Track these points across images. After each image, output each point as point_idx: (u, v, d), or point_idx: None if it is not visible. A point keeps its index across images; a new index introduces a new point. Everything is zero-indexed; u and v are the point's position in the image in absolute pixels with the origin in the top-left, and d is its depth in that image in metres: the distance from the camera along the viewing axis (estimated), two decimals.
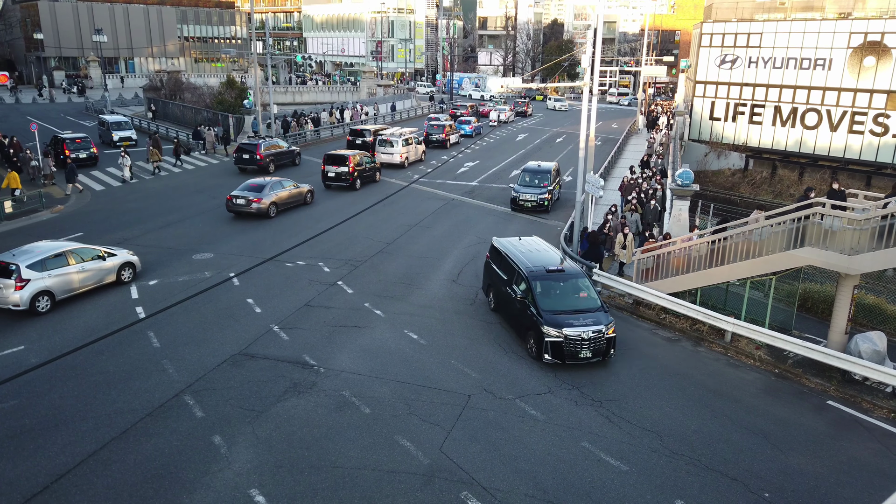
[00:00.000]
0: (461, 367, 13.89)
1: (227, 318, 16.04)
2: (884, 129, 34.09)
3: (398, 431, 11.34)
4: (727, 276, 16.32)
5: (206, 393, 12.46)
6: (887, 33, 33.13)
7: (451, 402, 12.43)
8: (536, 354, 14.29)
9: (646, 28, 63.78)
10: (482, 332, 15.80)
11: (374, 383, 13.06)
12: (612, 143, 46.18)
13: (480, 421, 11.80)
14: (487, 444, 11.07)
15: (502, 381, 13.39)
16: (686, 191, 20.59)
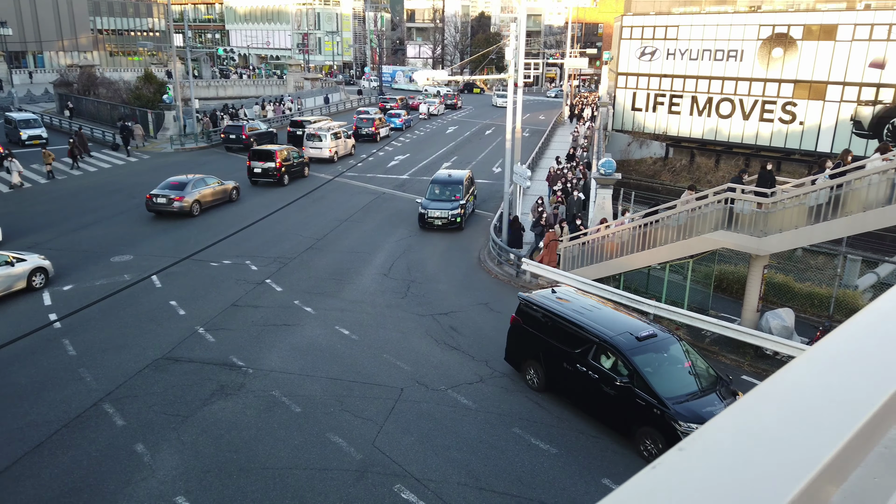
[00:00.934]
0: (393, 360, 13.88)
1: (149, 321, 15.47)
2: (791, 117, 36.03)
3: (330, 428, 11.25)
4: (648, 261, 16.91)
5: (127, 400, 11.99)
6: (793, 25, 34.98)
7: (384, 395, 12.42)
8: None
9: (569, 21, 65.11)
10: (414, 325, 15.83)
11: (304, 381, 12.89)
12: (539, 134, 46.99)
13: (413, 413, 11.84)
14: (420, 435, 11.13)
15: (434, 372, 13.46)
16: (609, 179, 21.18)
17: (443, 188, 24.80)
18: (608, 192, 21.92)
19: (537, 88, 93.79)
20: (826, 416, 0.72)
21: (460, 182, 25.06)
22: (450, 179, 25.18)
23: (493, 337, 15.37)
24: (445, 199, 24.33)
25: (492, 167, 36.46)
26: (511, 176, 22.87)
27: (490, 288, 19.05)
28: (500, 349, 14.66)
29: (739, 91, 37.84)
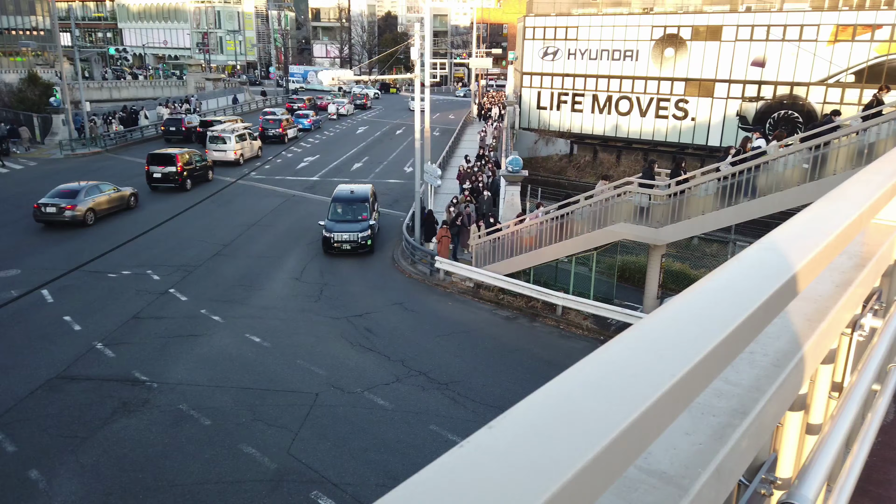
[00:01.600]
0: (308, 365, 13.65)
1: (40, 339, 14.48)
2: (684, 114, 38.10)
3: (242, 439, 10.93)
4: (556, 254, 17.46)
5: (18, 424, 11.18)
6: (682, 27, 36.99)
7: (299, 402, 12.19)
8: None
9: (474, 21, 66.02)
10: (328, 329, 15.62)
11: (214, 393, 12.45)
12: (449, 133, 47.42)
13: (329, 418, 11.70)
14: (337, 440, 11.01)
15: (350, 375, 13.35)
16: (517, 176, 21.69)
17: (346, 207, 22.07)
18: (516, 188, 22.44)
19: (446, 88, 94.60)
20: (631, 387, 0.79)
21: (365, 199, 22.53)
22: (353, 196, 22.53)
23: (408, 336, 15.42)
24: (351, 220, 21.59)
25: (403, 167, 36.48)
26: (422, 175, 22.99)
27: (404, 288, 19.08)
28: (416, 348, 14.72)
29: (636, 89, 39.60)
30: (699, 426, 1.12)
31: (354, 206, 22.11)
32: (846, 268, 1.93)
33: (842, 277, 1.86)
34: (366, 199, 22.54)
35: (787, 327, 1.51)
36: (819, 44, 32.00)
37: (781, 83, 33.62)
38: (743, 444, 1.15)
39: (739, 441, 1.11)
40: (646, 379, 0.79)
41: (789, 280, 1.19)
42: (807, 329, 1.51)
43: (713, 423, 1.13)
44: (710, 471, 1.00)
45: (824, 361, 1.85)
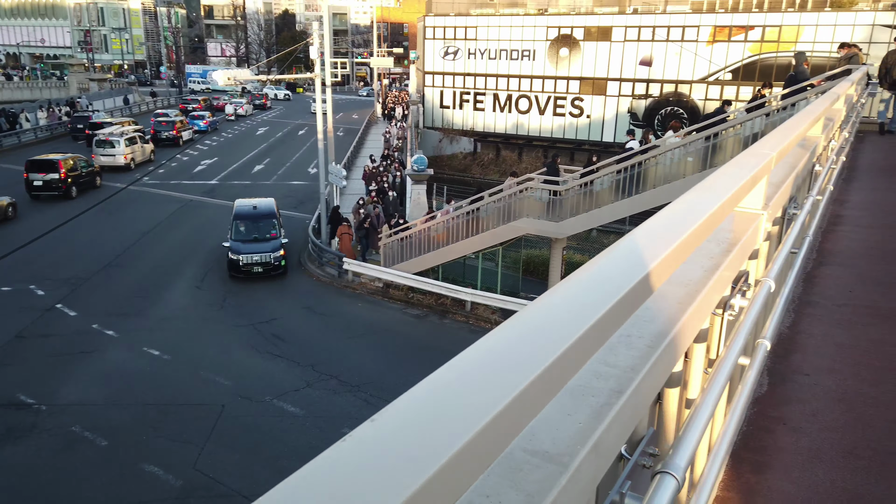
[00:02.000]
0: (212, 376, 13.16)
1: None
2: (580, 111, 39.63)
3: (144, 458, 10.41)
4: (464, 251, 17.72)
5: None
6: (575, 27, 38.44)
7: (204, 415, 11.74)
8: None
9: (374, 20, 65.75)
10: (233, 337, 15.13)
11: (111, 412, 11.78)
12: (353, 133, 47.00)
13: (237, 429, 11.34)
14: (246, 451, 10.70)
15: (258, 383, 12.99)
16: (422, 175, 21.81)
17: (251, 224, 19.77)
18: (422, 187, 22.57)
19: (349, 87, 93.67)
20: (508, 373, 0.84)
21: (272, 214, 20.42)
22: (258, 212, 20.26)
23: (318, 340, 15.19)
24: (259, 239, 19.37)
25: (307, 168, 35.81)
26: (326, 176, 22.67)
27: (312, 291, 18.76)
28: (326, 352, 14.53)
29: (535, 88, 40.78)
30: (580, 407, 1.19)
31: (261, 223, 19.85)
32: (715, 253, 2.10)
33: (711, 262, 2.02)
34: (272, 214, 20.42)
35: (661, 310, 1.63)
36: (699, 44, 34.16)
37: (667, 81, 35.62)
38: (620, 421, 1.24)
39: (616, 418, 1.20)
40: (522, 364, 0.85)
41: (657, 266, 1.29)
42: (679, 311, 1.63)
43: (593, 403, 1.21)
44: (589, 447, 1.08)
45: (698, 340, 2.01)
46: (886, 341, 4.10)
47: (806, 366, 3.79)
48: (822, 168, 4.60)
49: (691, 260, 2.01)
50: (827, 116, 4.85)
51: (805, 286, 4.98)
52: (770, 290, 2.37)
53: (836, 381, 3.62)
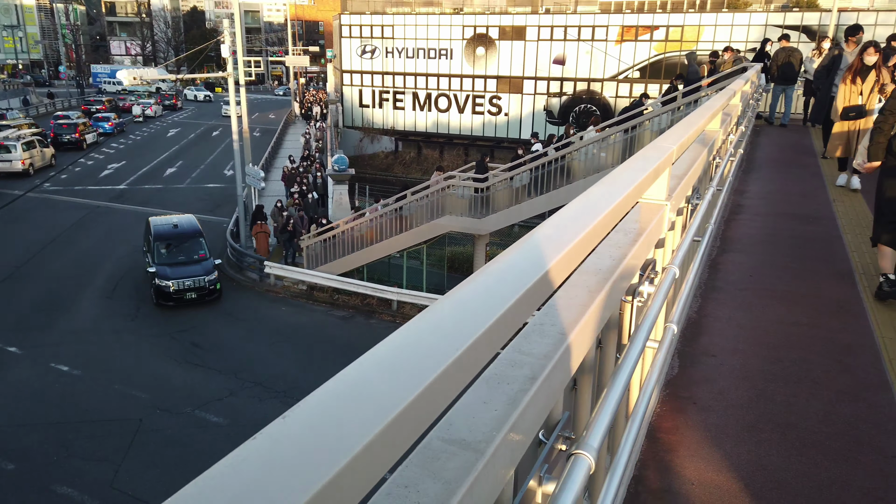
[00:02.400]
0: (127, 390, 12.58)
1: None
2: (498, 110, 40.25)
3: (56, 480, 9.83)
4: (388, 250, 17.68)
5: None
6: (490, 27, 39.00)
7: (120, 431, 11.21)
8: None
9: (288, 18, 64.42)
10: (149, 348, 14.50)
11: (17, 433, 11.05)
12: (271, 133, 45.89)
13: (157, 442, 10.89)
14: (167, 465, 10.29)
15: (178, 394, 12.51)
16: (343, 175, 21.61)
17: (176, 246, 17.73)
18: (344, 187, 22.35)
19: (265, 87, 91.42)
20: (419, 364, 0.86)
21: (197, 231, 18.37)
22: (181, 231, 18.09)
23: (240, 347, 14.78)
24: (190, 262, 17.29)
25: (223, 170, 34.72)
26: (243, 178, 22.07)
27: (233, 296, 18.21)
28: (249, 358, 14.17)
29: (453, 87, 41.10)
30: (495, 395, 1.23)
31: (186, 244, 17.83)
32: (623, 243, 2.20)
33: (619, 252, 2.11)
34: (198, 232, 18.34)
35: (573, 299, 1.70)
36: (609, 43, 35.40)
37: (580, 79, 36.72)
38: (535, 407, 1.28)
39: (531, 404, 1.24)
40: (431, 356, 0.87)
41: (563, 257, 1.35)
42: (589, 300, 1.70)
43: (508, 391, 1.25)
44: (504, 433, 1.11)
45: (610, 327, 2.10)
46: (783, 321, 4.41)
47: (713, 347, 4.03)
48: (722, 161, 4.88)
49: (600, 250, 2.10)
50: (724, 112, 5.15)
51: (710, 272, 5.27)
52: (675, 277, 2.51)
53: (740, 361, 3.87)
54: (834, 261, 5.57)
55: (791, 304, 4.66)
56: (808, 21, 31.53)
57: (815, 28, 30.36)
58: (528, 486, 1.38)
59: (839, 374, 3.63)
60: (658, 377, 3.44)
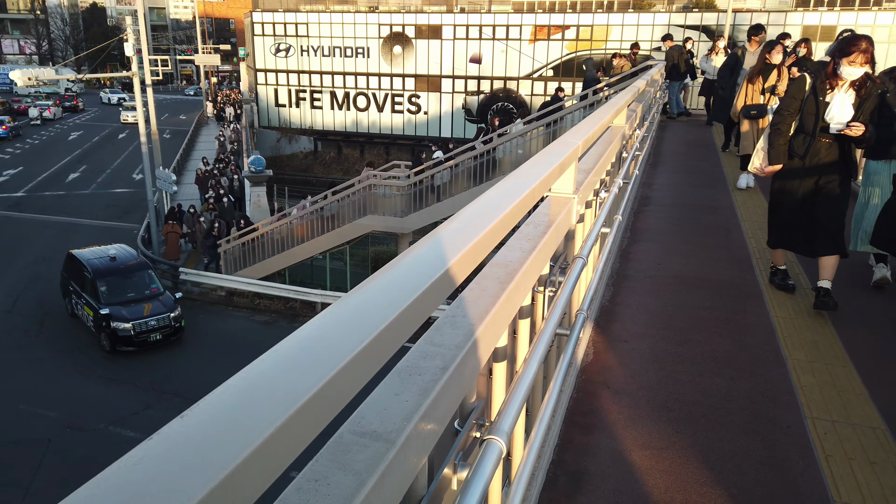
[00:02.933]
0: (34, 409, 11.82)
1: None
2: (417, 108, 40.31)
3: None
4: (310, 252, 17.40)
5: None
6: (406, 25, 38.98)
7: (27, 453, 10.53)
8: None
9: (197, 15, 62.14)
10: (57, 363, 13.68)
11: None
12: (182, 134, 44.15)
13: (69, 463, 10.31)
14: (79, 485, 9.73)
15: (91, 411, 11.87)
16: (261, 177, 21.10)
17: (120, 281, 15.10)
18: (262, 189, 21.83)
19: (174, 87, 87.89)
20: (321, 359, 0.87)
21: (142, 263, 16.01)
22: (122, 264, 15.46)
23: (156, 358, 14.18)
24: (143, 298, 14.86)
25: (131, 174, 33.15)
26: (154, 182, 21.16)
27: None
28: (167, 369, 13.63)
29: (371, 86, 40.87)
30: (407, 386, 1.26)
31: (133, 278, 15.32)
32: (533, 235, 2.27)
33: (530, 244, 2.18)
34: (145, 264, 16.01)
35: (485, 290, 1.75)
36: (523, 42, 36.15)
37: (496, 78, 37.32)
38: (447, 397, 1.32)
39: (442, 394, 1.28)
40: (335, 350, 0.89)
41: (469, 250, 1.38)
42: (500, 291, 1.75)
43: (420, 382, 1.28)
44: (414, 423, 1.14)
45: (522, 316, 2.17)
46: (688, 305, 4.66)
47: (624, 333, 4.21)
48: (629, 154, 5.10)
49: (511, 243, 2.17)
50: (630, 108, 5.38)
51: (622, 262, 5.50)
52: (583, 267, 2.61)
53: (650, 345, 4.06)
54: (733, 247, 5.93)
55: (695, 289, 4.94)
56: (707, 21, 33.28)
57: (713, 28, 32.08)
58: (443, 474, 1.41)
59: (739, 353, 3.88)
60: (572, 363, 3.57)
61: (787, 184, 4.69)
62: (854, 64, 4.20)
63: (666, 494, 2.66)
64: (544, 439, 2.77)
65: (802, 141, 4.53)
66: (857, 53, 4.17)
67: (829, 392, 3.47)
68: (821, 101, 4.39)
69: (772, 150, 4.70)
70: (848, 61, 4.21)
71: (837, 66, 4.30)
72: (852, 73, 4.25)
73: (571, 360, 3.44)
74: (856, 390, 3.49)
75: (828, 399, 3.40)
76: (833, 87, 4.38)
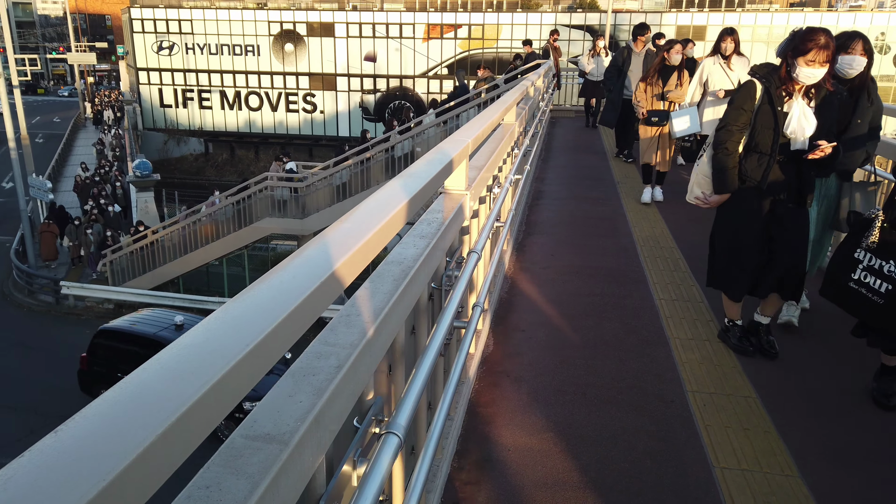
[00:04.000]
0: None
1: None
2: (313, 107, 39.57)
3: None
4: (205, 258, 16.72)
5: None
6: (297, 22, 38.15)
7: None
8: None
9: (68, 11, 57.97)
10: None
11: None
12: (57, 139, 41.05)
13: None
14: None
15: None
16: (147, 181, 20.04)
17: None
18: (149, 195, 20.73)
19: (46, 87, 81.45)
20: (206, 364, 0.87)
21: None
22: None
23: (38, 378, 13.19)
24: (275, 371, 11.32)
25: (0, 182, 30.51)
26: (27, 190, 19.59)
27: (24, 323, 16.18)
28: (50, 391, 12.69)
29: (264, 84, 39.73)
30: (301, 387, 1.26)
31: None
32: (427, 232, 2.32)
33: (424, 241, 2.22)
34: None
35: (379, 288, 1.77)
36: (416, 41, 36.34)
37: (392, 76, 37.32)
38: (342, 395, 1.33)
39: (337, 393, 1.29)
40: (219, 355, 0.89)
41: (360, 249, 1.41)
42: (395, 288, 1.78)
43: (314, 382, 1.28)
44: (308, 423, 1.14)
45: (420, 312, 2.21)
46: (580, 293, 4.88)
47: (522, 323, 4.36)
48: (520, 150, 5.27)
49: (406, 240, 2.20)
50: (519, 106, 5.56)
51: (518, 254, 5.68)
52: (478, 261, 2.69)
53: (546, 333, 4.23)
54: (619, 236, 6.27)
55: (587, 277, 5.18)
56: (590, 21, 34.82)
57: (596, 27, 33.60)
58: (343, 471, 1.43)
59: (627, 335, 4.11)
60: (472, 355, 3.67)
61: (746, 214, 3.77)
62: (813, 64, 3.41)
63: (565, 473, 2.80)
64: (447, 431, 2.83)
65: (758, 162, 3.66)
66: (817, 51, 3.38)
67: (707, 366, 3.76)
68: (779, 111, 3.58)
69: (720, 174, 3.75)
70: (806, 61, 3.42)
71: (792, 69, 3.49)
72: (812, 74, 3.45)
73: (471, 352, 3.53)
74: (730, 363, 3.80)
75: (706, 373, 3.68)
76: (790, 93, 3.57)
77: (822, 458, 2.97)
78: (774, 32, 32.15)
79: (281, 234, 17.20)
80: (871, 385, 3.54)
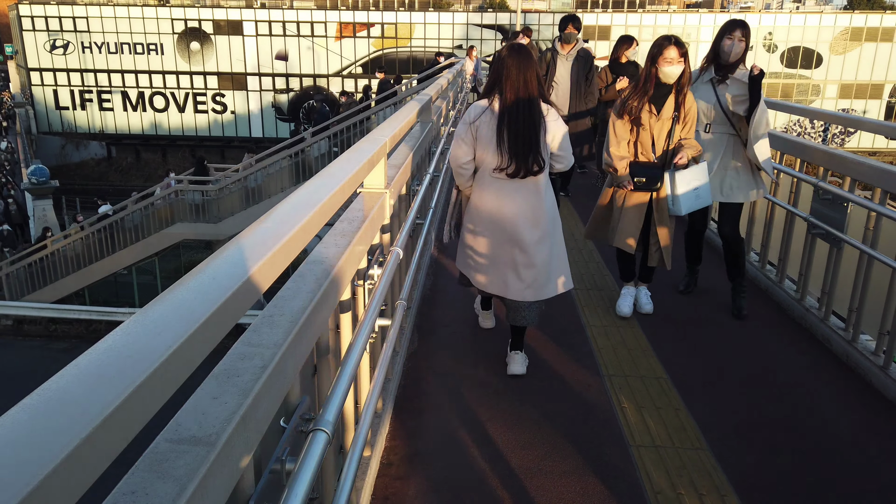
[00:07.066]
0: None
1: None
2: (223, 108, 38.29)
3: None
4: (111, 268, 15.91)
5: None
6: (203, 20, 36.80)
7: None
8: None
9: None
10: None
11: None
12: None
13: None
14: None
15: None
16: (45, 189, 18.87)
17: None
18: (47, 202, 19.50)
19: None
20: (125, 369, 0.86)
21: None
22: None
23: None
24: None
25: None
26: None
27: None
28: None
29: (169, 84, 38.13)
30: (226, 389, 1.25)
31: None
32: (348, 231, 2.32)
33: (345, 240, 2.23)
34: None
35: (302, 289, 1.77)
36: (329, 39, 35.88)
37: (305, 75, 36.68)
38: (268, 395, 1.33)
39: (262, 393, 1.28)
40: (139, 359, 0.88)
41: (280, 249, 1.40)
42: (316, 287, 1.78)
43: (238, 383, 1.28)
44: (234, 424, 1.14)
45: (343, 310, 2.22)
46: None
47: (445, 318, 4.42)
48: (438, 148, 5.33)
49: (327, 240, 2.20)
50: (436, 105, 5.61)
51: (440, 251, 5.74)
52: (399, 258, 2.72)
53: (469, 328, 4.31)
54: None
55: None
56: (501, 20, 35.44)
57: (507, 27, 34.25)
58: (273, 470, 1.42)
59: (547, 324, 4.25)
60: (397, 351, 3.69)
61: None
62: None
63: (491, 462, 2.87)
64: (375, 427, 2.85)
65: None
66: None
67: (621, 351, 3.94)
68: None
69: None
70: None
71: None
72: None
73: (396, 349, 3.56)
74: (642, 347, 4.00)
75: (620, 357, 3.86)
76: None
77: (726, 430, 3.18)
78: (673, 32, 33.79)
79: (194, 239, 16.60)
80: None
